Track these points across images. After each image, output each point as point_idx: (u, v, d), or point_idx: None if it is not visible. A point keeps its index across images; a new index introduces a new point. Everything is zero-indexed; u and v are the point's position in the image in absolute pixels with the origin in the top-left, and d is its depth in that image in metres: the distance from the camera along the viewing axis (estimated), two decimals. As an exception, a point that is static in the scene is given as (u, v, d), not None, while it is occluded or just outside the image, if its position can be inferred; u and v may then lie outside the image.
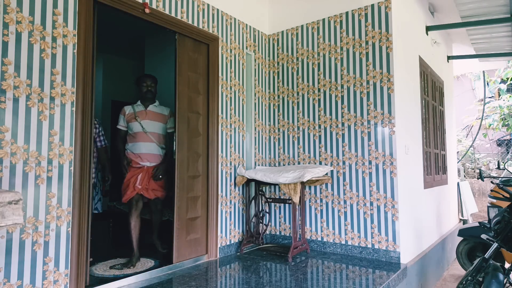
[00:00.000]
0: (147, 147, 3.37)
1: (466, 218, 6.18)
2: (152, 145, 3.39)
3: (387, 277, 2.91)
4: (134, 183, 3.30)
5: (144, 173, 3.34)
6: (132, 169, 3.36)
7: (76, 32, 2.43)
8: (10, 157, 2.06)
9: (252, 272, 3.04)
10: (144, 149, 3.36)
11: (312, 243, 3.84)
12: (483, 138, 10.22)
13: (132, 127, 3.39)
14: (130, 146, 3.40)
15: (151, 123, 3.40)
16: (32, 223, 2.14)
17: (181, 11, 3.27)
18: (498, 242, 2.37)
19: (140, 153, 3.35)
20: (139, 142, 3.36)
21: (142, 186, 3.31)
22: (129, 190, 3.29)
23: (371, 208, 3.50)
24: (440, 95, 5.21)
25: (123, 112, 3.45)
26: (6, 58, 2.07)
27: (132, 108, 3.43)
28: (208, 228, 3.46)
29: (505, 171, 5.60)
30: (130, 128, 3.41)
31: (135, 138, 3.38)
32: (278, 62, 4.31)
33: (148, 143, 3.37)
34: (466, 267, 4.27)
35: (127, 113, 3.42)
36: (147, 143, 3.37)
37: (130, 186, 3.30)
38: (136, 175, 3.32)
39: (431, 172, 4.51)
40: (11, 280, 2.03)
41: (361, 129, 3.62)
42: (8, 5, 2.10)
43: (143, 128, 3.36)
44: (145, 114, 3.40)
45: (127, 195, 3.29)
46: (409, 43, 3.96)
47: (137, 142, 3.36)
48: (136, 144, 3.36)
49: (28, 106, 2.15)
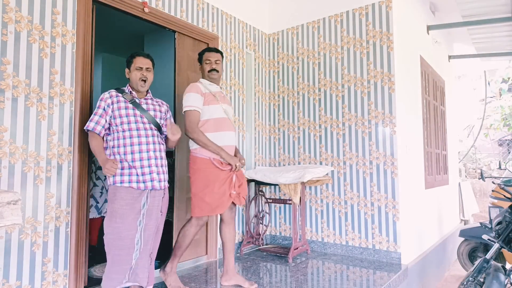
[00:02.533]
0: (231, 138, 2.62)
1: (467, 219, 6.16)
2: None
3: (388, 278, 2.90)
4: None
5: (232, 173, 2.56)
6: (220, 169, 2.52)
7: (75, 31, 2.42)
8: (8, 157, 2.05)
9: (252, 273, 3.03)
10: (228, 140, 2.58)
11: (313, 243, 3.83)
12: (484, 138, 10.19)
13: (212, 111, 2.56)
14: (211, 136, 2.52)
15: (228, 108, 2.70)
16: (31, 223, 2.13)
17: (181, 10, 3.26)
18: (499, 242, 2.35)
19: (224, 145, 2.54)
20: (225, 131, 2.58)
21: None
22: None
23: (372, 209, 3.49)
24: (441, 94, 5.19)
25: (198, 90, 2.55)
26: (5, 57, 2.06)
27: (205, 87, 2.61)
28: (207, 229, 3.45)
29: (506, 171, 5.59)
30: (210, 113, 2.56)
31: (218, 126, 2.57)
32: (278, 62, 4.30)
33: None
34: (467, 267, 4.26)
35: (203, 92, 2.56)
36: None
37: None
38: (231, 177, 2.53)
39: (432, 172, 4.49)
40: (10, 281, 2.02)
41: (361, 129, 3.61)
42: (7, 4, 2.09)
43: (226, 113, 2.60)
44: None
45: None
46: (410, 42, 3.94)
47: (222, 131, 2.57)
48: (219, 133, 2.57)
49: (27, 106, 2.14)
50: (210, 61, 2.64)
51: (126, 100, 2.27)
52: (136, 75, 2.30)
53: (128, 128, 2.21)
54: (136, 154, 2.18)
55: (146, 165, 2.19)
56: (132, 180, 2.16)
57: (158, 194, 2.25)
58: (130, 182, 2.16)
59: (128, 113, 2.24)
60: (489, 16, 4.52)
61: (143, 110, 2.29)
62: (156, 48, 4.95)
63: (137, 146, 2.20)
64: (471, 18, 4.63)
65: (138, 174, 2.17)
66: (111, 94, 2.27)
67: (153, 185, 2.21)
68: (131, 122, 2.23)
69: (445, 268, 4.67)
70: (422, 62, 4.29)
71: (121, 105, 2.25)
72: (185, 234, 2.55)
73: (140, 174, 2.17)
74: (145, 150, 2.21)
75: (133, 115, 2.25)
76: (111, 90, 2.32)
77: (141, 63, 2.31)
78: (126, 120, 2.22)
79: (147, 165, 2.20)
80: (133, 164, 2.17)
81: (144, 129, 2.25)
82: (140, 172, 2.17)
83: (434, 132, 4.71)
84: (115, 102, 2.25)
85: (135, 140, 2.20)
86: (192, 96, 2.51)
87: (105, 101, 2.24)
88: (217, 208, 2.48)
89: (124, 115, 2.23)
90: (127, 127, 2.21)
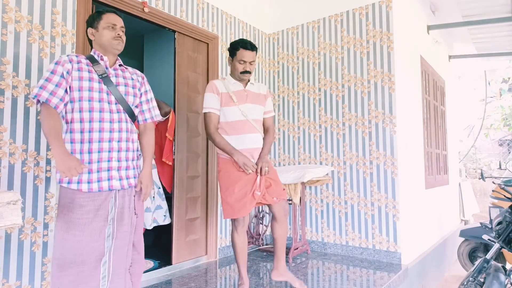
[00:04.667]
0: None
1: (467, 219, 6.16)
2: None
3: (388, 278, 2.90)
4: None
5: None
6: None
7: (74, 31, 2.42)
8: (8, 157, 2.05)
9: (252, 273, 3.03)
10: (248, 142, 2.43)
11: (313, 244, 3.82)
12: (485, 138, 10.19)
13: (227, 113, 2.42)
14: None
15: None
16: (31, 223, 2.13)
17: (181, 10, 3.26)
18: (500, 242, 2.35)
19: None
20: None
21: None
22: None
23: (372, 209, 3.49)
24: (441, 94, 5.18)
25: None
26: (4, 57, 2.06)
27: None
28: (207, 229, 3.45)
29: (506, 171, 5.58)
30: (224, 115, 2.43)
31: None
32: (278, 62, 4.30)
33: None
34: (467, 268, 4.25)
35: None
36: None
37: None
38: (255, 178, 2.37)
39: (432, 172, 4.48)
40: (10, 281, 2.02)
41: (362, 129, 3.60)
42: (7, 4, 2.09)
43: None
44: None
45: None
46: (410, 42, 3.94)
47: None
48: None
49: (27, 106, 2.14)
50: (245, 62, 2.38)
51: (91, 70, 1.72)
52: (108, 33, 1.76)
53: (89, 108, 1.67)
54: (95, 144, 1.66)
55: (105, 158, 1.68)
56: (92, 180, 1.65)
57: (128, 193, 1.77)
58: (89, 183, 1.65)
59: (91, 87, 1.69)
60: (489, 16, 4.52)
61: (111, 85, 1.74)
62: (156, 48, 4.95)
63: (97, 133, 1.67)
64: (471, 18, 4.62)
65: (97, 170, 1.67)
66: (71, 58, 1.70)
67: (121, 184, 1.73)
68: (94, 100, 1.68)
69: (445, 268, 4.67)
70: (422, 62, 4.29)
71: (84, 75, 1.69)
72: (232, 242, 2.48)
73: (98, 170, 1.67)
74: (106, 139, 1.69)
75: (98, 90, 1.70)
76: (70, 54, 1.79)
77: (115, 20, 1.79)
78: (87, 96, 1.67)
79: (106, 159, 1.69)
80: (90, 157, 1.66)
81: (110, 111, 1.71)
82: (96, 168, 1.67)
83: (434, 132, 4.71)
84: (75, 69, 1.69)
85: (96, 126, 1.67)
86: (207, 97, 2.39)
87: (63, 65, 1.66)
88: (240, 211, 2.31)
89: (85, 89, 1.67)
90: (88, 106, 1.67)
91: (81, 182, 1.65)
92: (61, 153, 1.57)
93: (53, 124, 1.60)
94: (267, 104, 2.54)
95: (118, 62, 1.86)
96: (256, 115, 2.43)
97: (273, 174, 2.44)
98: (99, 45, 1.80)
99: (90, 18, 1.82)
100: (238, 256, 2.46)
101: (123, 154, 1.75)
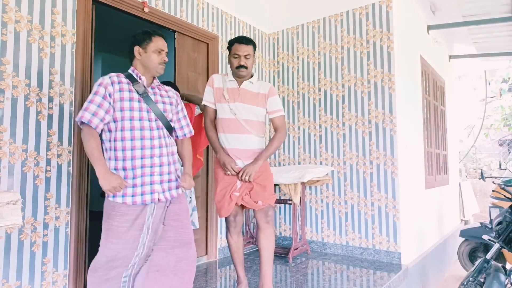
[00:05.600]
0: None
1: (467, 219, 6.16)
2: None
3: (388, 278, 2.89)
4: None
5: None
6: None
7: (74, 31, 2.41)
8: (8, 157, 2.04)
9: (252, 273, 3.03)
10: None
11: (313, 244, 3.82)
12: (485, 138, 10.18)
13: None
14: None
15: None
16: (31, 223, 2.13)
17: (180, 10, 3.26)
18: (500, 243, 2.35)
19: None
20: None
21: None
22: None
23: (372, 209, 3.48)
24: (441, 94, 5.18)
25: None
26: (4, 57, 2.06)
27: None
28: (207, 229, 3.45)
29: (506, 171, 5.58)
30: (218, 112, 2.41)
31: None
32: (278, 61, 4.30)
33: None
34: (467, 268, 4.25)
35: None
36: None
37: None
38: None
39: (433, 172, 4.48)
40: (10, 281, 2.02)
41: (362, 129, 3.60)
42: (7, 4, 2.09)
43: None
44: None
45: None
46: (410, 42, 3.94)
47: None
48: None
49: (27, 106, 2.14)
50: (239, 55, 2.29)
51: (131, 90, 1.81)
52: (156, 58, 1.86)
53: (130, 127, 1.76)
54: (137, 161, 1.75)
55: (148, 173, 1.78)
56: (136, 193, 1.75)
57: (161, 206, 1.84)
58: (133, 196, 1.74)
59: (132, 107, 1.77)
60: (489, 16, 4.51)
61: (151, 103, 1.83)
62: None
63: (139, 150, 1.76)
64: (471, 18, 4.62)
65: (141, 184, 1.76)
66: (112, 80, 1.78)
67: (159, 197, 1.80)
68: (134, 119, 1.77)
69: (445, 268, 4.66)
70: (422, 62, 4.29)
71: (125, 96, 1.77)
72: (227, 242, 2.45)
73: (142, 184, 1.76)
74: (148, 155, 1.78)
75: (138, 109, 1.79)
76: (111, 74, 1.82)
77: (163, 46, 1.89)
78: (128, 116, 1.76)
79: (149, 173, 1.78)
80: (132, 174, 1.76)
81: (150, 128, 1.81)
82: (140, 182, 1.76)
83: (434, 132, 4.71)
84: (117, 90, 1.77)
85: (137, 144, 1.76)
86: (205, 90, 2.41)
87: (106, 87, 1.75)
88: (221, 211, 2.31)
89: (127, 109, 1.76)
90: (129, 125, 1.76)
91: (126, 195, 1.75)
92: (104, 172, 1.66)
93: (95, 145, 1.70)
94: (270, 103, 2.38)
95: (156, 82, 1.96)
96: (248, 115, 2.31)
97: (261, 179, 2.31)
98: (142, 65, 1.88)
99: (140, 37, 1.88)
100: (233, 256, 2.44)
101: (165, 168, 1.85)
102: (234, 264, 2.46)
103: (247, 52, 2.30)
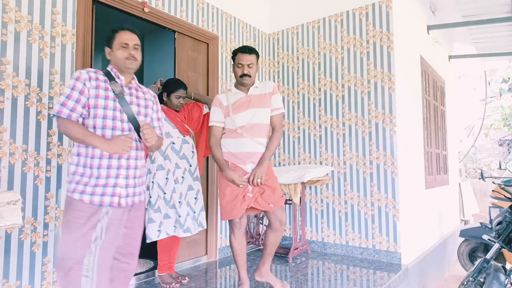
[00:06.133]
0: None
1: (467, 219, 6.16)
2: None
3: (388, 278, 2.90)
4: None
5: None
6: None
7: (74, 31, 2.42)
8: (8, 157, 2.05)
9: (252, 273, 3.03)
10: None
11: (313, 244, 3.82)
12: (485, 138, 10.19)
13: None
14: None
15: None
16: (31, 223, 2.13)
17: (180, 10, 3.26)
18: (500, 242, 2.35)
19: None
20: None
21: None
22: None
23: (372, 209, 3.49)
24: (441, 94, 5.19)
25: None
26: (4, 57, 2.06)
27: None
28: (207, 228, 3.45)
29: (506, 171, 5.58)
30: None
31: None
32: (278, 62, 4.30)
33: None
34: (467, 268, 4.25)
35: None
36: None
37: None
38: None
39: (432, 172, 4.48)
40: (10, 281, 2.02)
41: (362, 129, 3.60)
42: (7, 4, 2.09)
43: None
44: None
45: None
46: (410, 42, 3.94)
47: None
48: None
49: (27, 106, 2.14)
50: (242, 65, 2.39)
51: (107, 88, 1.75)
52: (121, 53, 1.79)
53: (102, 125, 1.71)
54: (104, 160, 1.70)
55: (113, 175, 1.71)
56: (95, 193, 1.68)
57: (120, 209, 1.76)
58: (92, 195, 1.67)
59: (106, 105, 1.73)
60: (489, 16, 4.51)
61: (125, 104, 1.78)
62: (156, 48, 4.94)
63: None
64: (471, 18, 4.62)
65: (103, 185, 1.69)
66: (90, 76, 1.73)
67: (119, 202, 1.72)
68: (107, 118, 1.72)
69: (445, 268, 4.67)
70: (422, 62, 4.29)
71: (100, 93, 1.73)
72: (230, 245, 2.48)
73: (105, 185, 1.69)
74: (116, 156, 1.72)
75: (112, 108, 1.74)
76: (89, 69, 1.78)
77: (128, 39, 1.81)
78: (101, 114, 1.71)
79: (115, 175, 1.71)
80: (97, 173, 1.69)
81: (122, 129, 1.76)
82: (103, 183, 1.69)
83: (434, 132, 4.71)
84: (93, 87, 1.72)
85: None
86: (212, 111, 2.47)
87: (83, 81, 1.70)
88: (232, 212, 2.34)
89: (100, 107, 1.71)
90: (101, 123, 1.71)
91: (84, 193, 1.68)
92: (104, 141, 1.65)
93: (80, 126, 1.67)
94: (272, 101, 2.46)
95: (134, 81, 1.90)
96: (259, 119, 2.40)
97: (271, 182, 2.42)
98: (114, 65, 1.84)
99: (108, 37, 1.84)
100: (236, 258, 2.48)
101: (131, 171, 1.78)
102: (237, 266, 2.50)
103: (250, 61, 2.39)
